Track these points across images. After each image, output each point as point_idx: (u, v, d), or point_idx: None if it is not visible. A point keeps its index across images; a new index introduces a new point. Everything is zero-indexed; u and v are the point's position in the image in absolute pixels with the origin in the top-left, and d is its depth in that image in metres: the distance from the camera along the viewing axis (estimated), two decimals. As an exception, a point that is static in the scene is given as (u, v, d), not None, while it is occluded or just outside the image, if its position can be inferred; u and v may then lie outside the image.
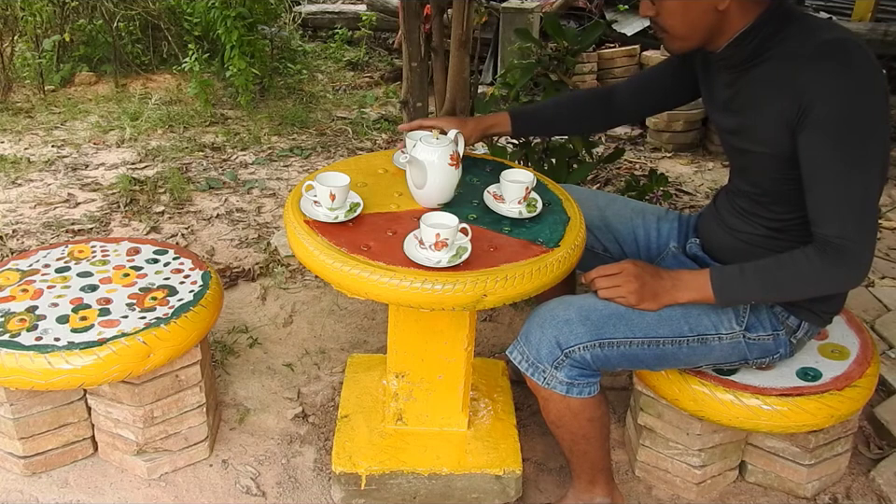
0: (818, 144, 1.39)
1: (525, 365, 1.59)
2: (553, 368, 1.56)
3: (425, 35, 3.14)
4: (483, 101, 2.81)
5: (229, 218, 3.22)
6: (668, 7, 1.48)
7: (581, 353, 1.55)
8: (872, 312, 2.64)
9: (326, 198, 1.58)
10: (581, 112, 1.93)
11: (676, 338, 1.59)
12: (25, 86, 4.80)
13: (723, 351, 1.63)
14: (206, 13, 4.40)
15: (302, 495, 1.85)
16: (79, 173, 3.62)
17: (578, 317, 1.56)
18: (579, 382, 1.57)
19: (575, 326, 1.56)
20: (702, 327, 1.60)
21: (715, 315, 1.61)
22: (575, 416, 1.61)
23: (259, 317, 2.54)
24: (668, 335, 1.59)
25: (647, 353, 1.59)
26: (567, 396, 1.58)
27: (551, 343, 1.56)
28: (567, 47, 2.52)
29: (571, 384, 1.57)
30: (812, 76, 1.38)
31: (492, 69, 5.02)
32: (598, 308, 1.58)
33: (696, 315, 1.60)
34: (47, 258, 1.98)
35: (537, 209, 1.68)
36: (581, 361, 1.56)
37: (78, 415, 1.85)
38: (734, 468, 1.90)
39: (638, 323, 1.58)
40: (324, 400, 2.17)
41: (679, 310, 1.59)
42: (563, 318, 1.57)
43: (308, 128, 4.38)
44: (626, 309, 1.58)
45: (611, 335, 1.56)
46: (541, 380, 1.58)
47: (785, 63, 1.43)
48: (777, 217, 1.57)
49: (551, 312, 1.59)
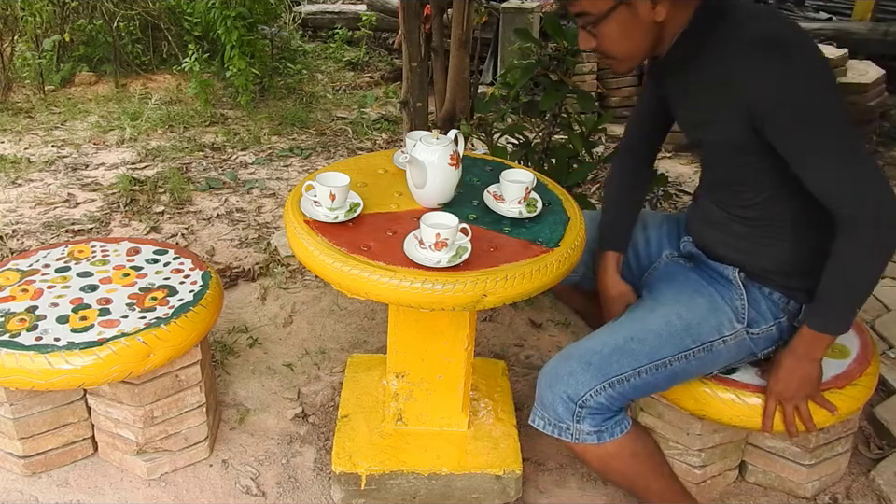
0: (784, 136, 1.40)
1: (550, 428, 1.56)
2: (575, 423, 1.53)
3: (425, 35, 3.14)
4: (483, 101, 2.81)
5: (229, 218, 3.22)
6: (606, 34, 1.48)
7: (595, 398, 1.52)
8: (872, 312, 2.64)
9: (326, 198, 1.58)
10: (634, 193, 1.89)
11: (681, 354, 1.58)
12: (25, 86, 4.80)
13: (730, 353, 1.62)
14: (206, 13, 4.40)
15: (302, 495, 1.85)
16: (79, 173, 3.62)
17: (579, 366, 1.54)
18: (606, 426, 1.54)
19: (579, 375, 1.53)
20: (704, 335, 1.59)
21: (715, 317, 1.60)
22: (617, 459, 1.57)
23: (259, 317, 2.54)
24: (673, 353, 1.57)
25: (657, 377, 1.57)
26: (601, 444, 1.55)
27: (563, 399, 1.53)
28: (567, 47, 2.52)
29: (600, 431, 1.54)
30: (751, 72, 1.38)
31: (492, 69, 5.02)
32: (597, 350, 1.56)
33: (696, 324, 1.59)
34: (47, 258, 1.98)
35: (537, 209, 1.68)
36: (598, 407, 1.53)
37: (78, 415, 1.85)
38: (734, 468, 1.90)
39: (640, 351, 1.56)
40: (324, 400, 2.17)
41: (677, 325, 1.59)
42: (566, 372, 1.55)
43: (308, 128, 4.38)
44: (625, 340, 1.57)
45: (617, 372, 1.54)
46: (570, 437, 1.54)
47: (723, 61, 1.44)
48: (750, 202, 1.57)
49: (554, 369, 1.57)
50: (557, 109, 2.63)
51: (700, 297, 1.63)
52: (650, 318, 1.62)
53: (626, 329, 1.60)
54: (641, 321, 1.62)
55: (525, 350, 2.42)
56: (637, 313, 1.67)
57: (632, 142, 1.89)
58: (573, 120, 2.67)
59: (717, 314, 1.60)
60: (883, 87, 4.29)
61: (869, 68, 4.29)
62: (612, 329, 1.62)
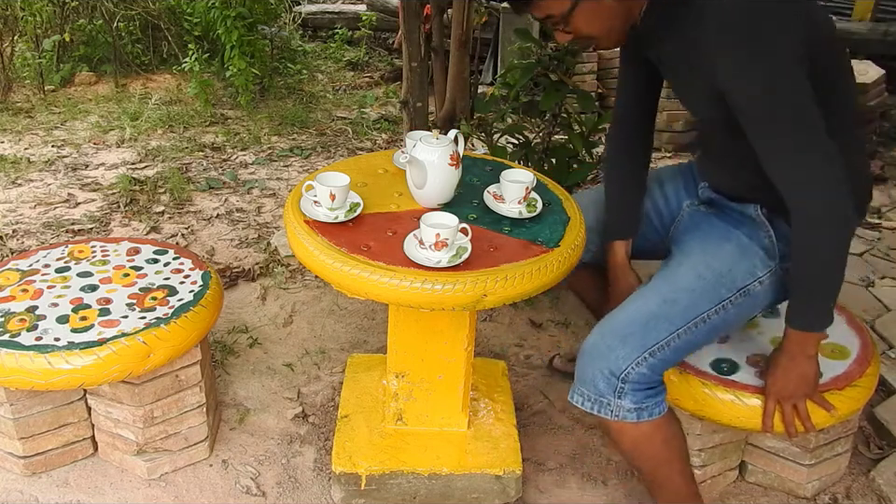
0: (740, 115, 1.39)
1: (590, 405, 1.55)
2: (616, 398, 1.53)
3: (425, 35, 3.14)
4: (483, 101, 2.81)
5: (229, 218, 3.22)
6: (577, 26, 1.49)
7: (637, 370, 1.51)
8: (872, 312, 2.64)
9: (326, 198, 1.58)
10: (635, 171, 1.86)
11: (718, 305, 1.55)
12: (25, 86, 4.80)
13: (767, 294, 1.60)
14: (206, 13, 4.40)
15: (302, 495, 1.85)
16: (79, 173, 3.62)
17: (617, 340, 1.53)
18: (647, 403, 1.54)
19: (618, 350, 1.52)
20: (739, 280, 1.56)
21: (746, 260, 1.57)
22: (650, 441, 1.57)
23: (259, 317, 2.54)
24: (710, 306, 1.55)
25: (696, 335, 1.55)
26: (639, 422, 1.54)
27: (604, 375, 1.52)
28: (567, 47, 2.52)
29: (640, 408, 1.53)
30: (711, 51, 1.38)
31: (492, 69, 5.02)
32: (632, 320, 1.55)
33: (728, 271, 1.56)
34: (47, 258, 1.98)
35: (537, 209, 1.68)
36: (641, 379, 1.52)
37: (78, 415, 1.85)
38: (734, 468, 1.90)
39: (675, 312, 1.54)
40: (324, 400, 2.17)
41: (708, 276, 1.56)
42: (605, 347, 1.53)
43: (308, 128, 4.38)
44: (658, 305, 1.55)
45: (656, 340, 1.52)
46: (610, 413, 1.54)
47: (688, 40, 1.43)
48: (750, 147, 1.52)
49: (593, 346, 1.56)
50: (557, 109, 2.63)
51: (727, 242, 1.61)
52: (679, 275, 1.60)
53: (658, 292, 1.58)
54: (671, 280, 1.60)
55: (525, 350, 2.43)
56: (666, 271, 1.64)
57: (624, 111, 1.85)
58: (573, 120, 2.67)
59: (747, 256, 1.57)
60: (883, 87, 4.29)
61: (869, 68, 4.29)
62: (644, 295, 1.60)
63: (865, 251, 3.09)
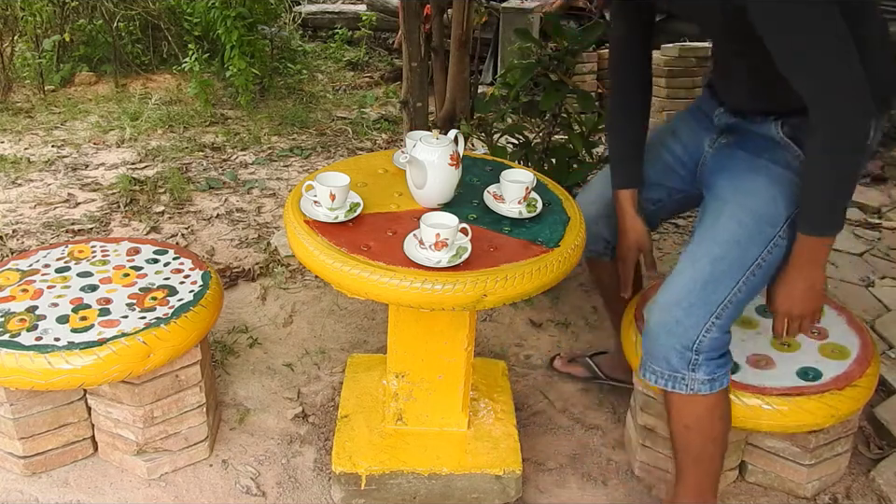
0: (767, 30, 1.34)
1: (663, 381, 1.56)
2: (691, 371, 1.53)
3: (425, 35, 3.14)
4: (483, 101, 2.81)
5: (229, 218, 3.22)
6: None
7: (709, 337, 1.51)
8: (872, 312, 2.64)
9: (326, 198, 1.58)
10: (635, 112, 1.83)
11: (769, 246, 1.53)
12: (25, 86, 4.80)
13: None
14: (206, 13, 4.40)
15: (302, 495, 1.85)
16: (79, 173, 3.62)
17: (681, 312, 1.52)
18: (718, 374, 1.54)
19: (684, 321, 1.52)
20: (781, 214, 1.53)
21: (782, 191, 1.54)
22: (711, 414, 1.58)
23: (259, 317, 2.54)
24: (760, 250, 1.52)
25: (756, 281, 1.54)
26: (709, 394, 1.54)
27: (677, 350, 1.52)
28: (567, 47, 2.52)
29: (712, 378, 1.54)
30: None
31: (492, 69, 5.02)
32: (690, 288, 1.53)
33: (767, 209, 1.53)
34: (47, 258, 1.98)
35: (537, 209, 1.68)
36: (713, 345, 1.52)
37: (78, 415, 1.85)
38: (734, 468, 1.90)
39: (729, 267, 1.52)
40: (324, 400, 2.17)
41: (749, 221, 1.54)
42: (672, 321, 1.53)
43: (308, 128, 4.38)
44: (710, 265, 1.52)
45: (719, 300, 1.52)
46: (684, 388, 1.54)
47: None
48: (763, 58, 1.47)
49: (658, 324, 1.55)
50: (557, 109, 2.63)
51: (757, 175, 1.58)
52: (720, 227, 1.57)
53: (706, 252, 1.55)
54: (713, 234, 1.57)
55: (525, 350, 2.43)
56: (705, 224, 1.61)
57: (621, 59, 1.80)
58: (573, 120, 2.67)
59: (782, 186, 1.54)
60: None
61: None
62: (693, 258, 1.57)
63: (865, 251, 3.09)
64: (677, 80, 4.53)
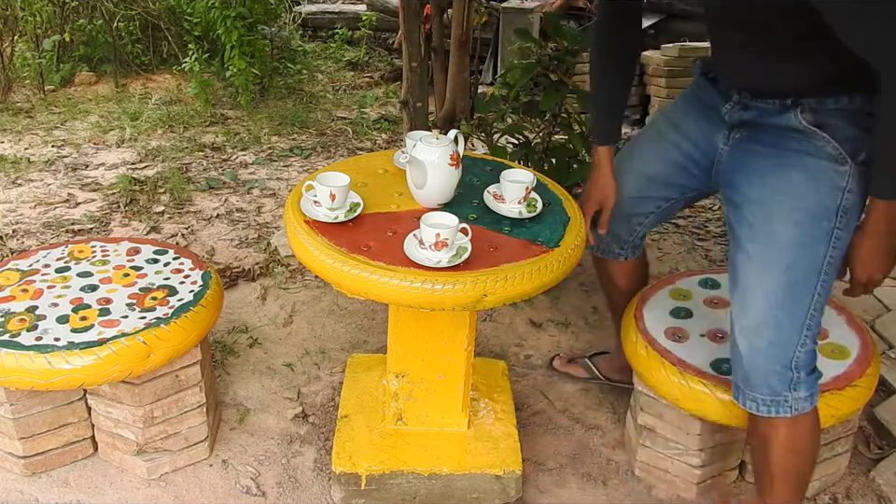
0: None
1: (766, 408, 1.50)
2: (793, 391, 1.48)
3: (425, 35, 3.14)
4: (483, 101, 2.81)
5: (229, 218, 3.22)
6: None
7: (805, 350, 1.47)
8: (872, 312, 2.64)
9: (326, 198, 1.58)
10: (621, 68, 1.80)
11: (832, 238, 1.47)
12: (25, 86, 4.80)
13: (861, 196, 1.48)
14: (206, 13, 4.40)
15: (302, 495, 1.85)
16: (79, 173, 3.62)
17: (772, 332, 1.46)
18: (814, 388, 1.50)
19: (776, 340, 1.46)
20: (830, 204, 1.46)
21: (824, 181, 1.47)
22: (812, 433, 1.53)
23: (259, 317, 2.54)
24: (825, 245, 1.46)
25: (830, 277, 1.49)
26: (811, 409, 1.49)
27: (776, 372, 1.47)
28: (567, 47, 2.52)
29: (812, 394, 1.50)
30: None
31: (492, 69, 5.02)
32: (770, 304, 1.47)
33: (815, 203, 1.47)
34: (47, 258, 1.98)
35: (537, 209, 1.68)
36: (809, 357, 1.48)
37: (78, 415, 1.85)
38: (734, 468, 1.90)
39: (805, 270, 1.46)
40: (324, 400, 2.17)
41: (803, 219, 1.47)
42: (765, 343, 1.47)
43: (308, 128, 4.38)
44: (782, 276, 1.46)
45: (805, 309, 1.46)
46: (788, 410, 1.49)
47: None
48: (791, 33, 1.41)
49: (751, 350, 1.49)
50: (557, 109, 2.63)
51: (791, 170, 1.50)
52: (777, 233, 1.49)
53: (774, 264, 1.48)
54: (772, 242, 1.49)
55: (525, 350, 2.43)
56: (757, 231, 1.52)
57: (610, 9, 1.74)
58: (573, 120, 2.67)
59: (821, 177, 1.47)
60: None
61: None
62: (759, 271, 1.50)
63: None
64: (677, 80, 4.53)
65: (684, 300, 1.98)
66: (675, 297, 1.99)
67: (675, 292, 2.01)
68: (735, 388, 1.57)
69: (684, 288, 2.02)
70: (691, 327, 1.87)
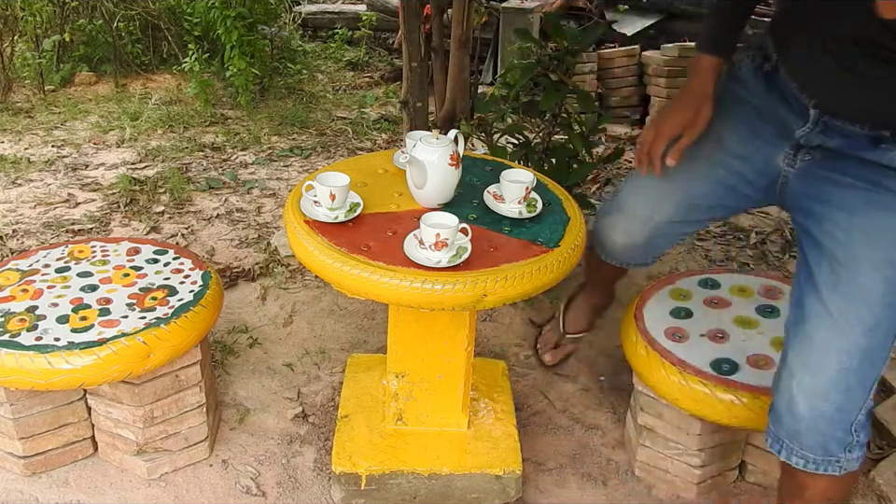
0: None
1: (814, 466, 1.38)
2: (847, 453, 1.38)
3: (425, 35, 3.14)
4: (483, 101, 2.81)
5: (229, 218, 3.22)
6: None
7: (862, 414, 1.37)
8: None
9: (326, 198, 1.58)
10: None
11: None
12: (25, 86, 4.79)
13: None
14: (206, 13, 4.40)
15: (302, 495, 1.85)
16: (79, 173, 3.62)
17: (841, 397, 1.34)
18: (865, 447, 1.41)
19: (844, 406, 1.35)
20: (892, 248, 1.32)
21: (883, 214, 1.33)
22: (850, 486, 1.47)
23: (259, 317, 2.54)
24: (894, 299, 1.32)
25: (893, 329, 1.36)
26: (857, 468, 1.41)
27: (837, 436, 1.36)
28: (567, 47, 2.52)
29: (863, 454, 1.41)
30: None
31: (492, 69, 5.02)
32: (846, 366, 1.33)
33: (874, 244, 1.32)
34: (47, 258, 1.98)
35: (537, 209, 1.68)
36: (866, 418, 1.38)
37: (78, 415, 1.85)
38: (734, 468, 1.90)
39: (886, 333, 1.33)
40: (324, 400, 2.17)
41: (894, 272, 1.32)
42: (831, 409, 1.35)
43: (308, 128, 4.38)
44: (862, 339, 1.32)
45: (875, 375, 1.35)
46: (839, 470, 1.38)
47: None
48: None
49: (814, 414, 1.36)
50: (557, 109, 2.63)
51: (886, 212, 1.34)
52: (864, 287, 1.33)
53: (855, 322, 1.33)
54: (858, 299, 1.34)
55: (525, 350, 2.43)
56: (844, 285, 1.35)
57: None
58: (573, 120, 2.67)
59: None
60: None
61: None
62: (839, 331, 1.35)
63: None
64: (677, 80, 4.53)
65: (684, 300, 1.98)
66: (675, 297, 1.99)
67: (675, 292, 2.01)
68: (776, 440, 1.43)
69: (684, 288, 2.02)
70: (691, 327, 1.87)
